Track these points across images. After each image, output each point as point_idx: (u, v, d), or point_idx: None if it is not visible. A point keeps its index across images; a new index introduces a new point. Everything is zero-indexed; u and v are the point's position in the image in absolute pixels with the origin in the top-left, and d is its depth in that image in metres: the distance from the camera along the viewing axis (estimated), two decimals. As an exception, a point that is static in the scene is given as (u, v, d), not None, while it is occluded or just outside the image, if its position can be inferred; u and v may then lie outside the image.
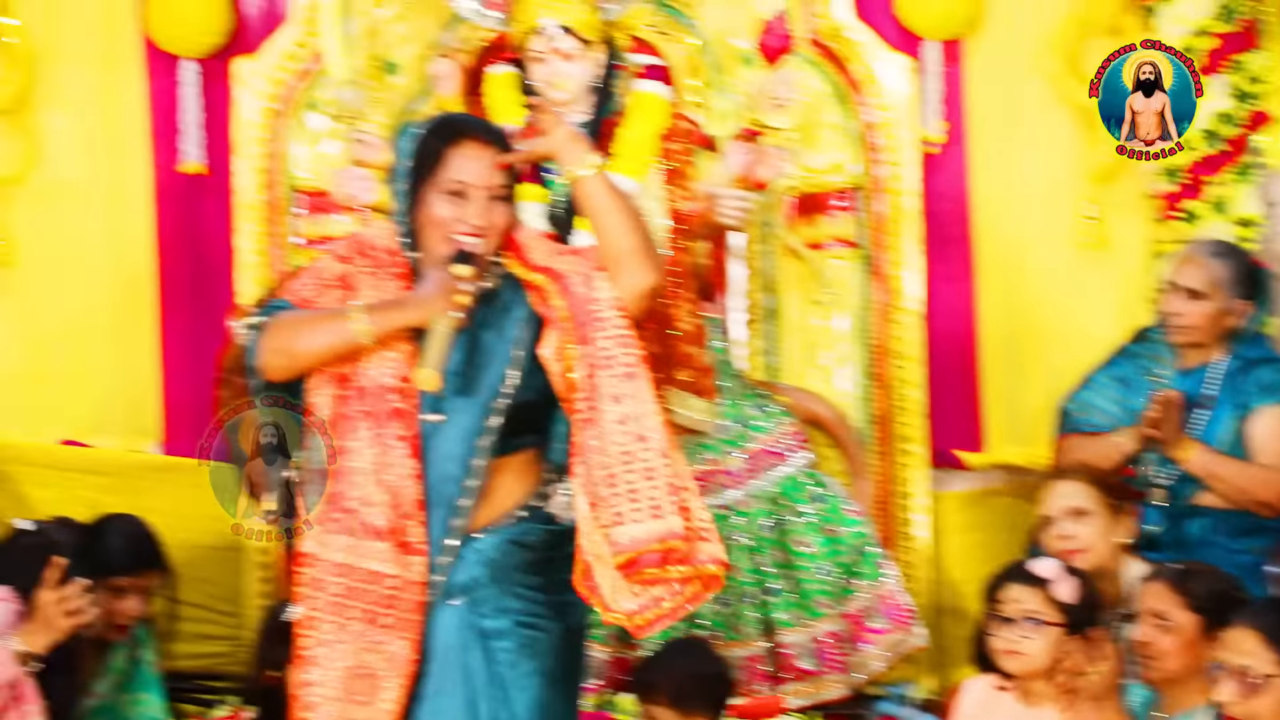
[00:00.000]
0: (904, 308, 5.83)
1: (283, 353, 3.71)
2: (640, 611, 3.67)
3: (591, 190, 3.70)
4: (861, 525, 5.39)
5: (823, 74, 5.84)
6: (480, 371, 3.73)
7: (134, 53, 5.99)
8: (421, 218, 3.76)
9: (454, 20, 5.77)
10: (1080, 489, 5.01)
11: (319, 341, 3.70)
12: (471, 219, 3.73)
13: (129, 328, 6.01)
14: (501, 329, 3.76)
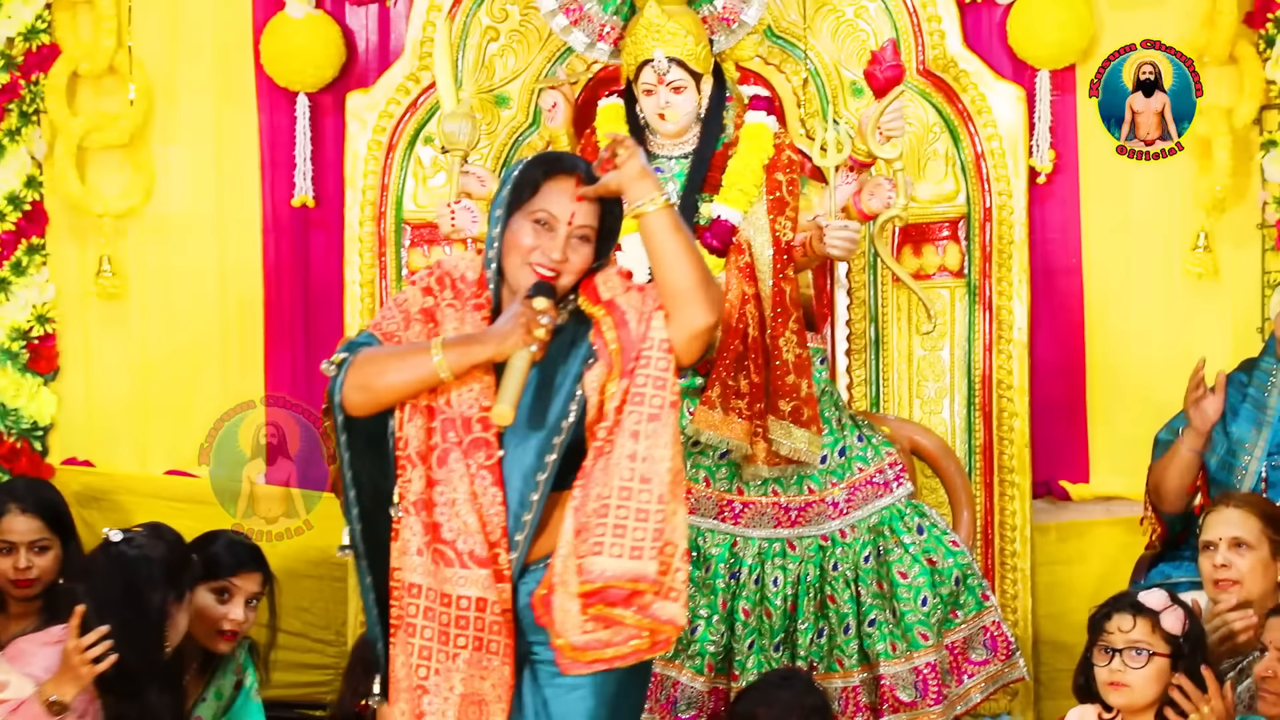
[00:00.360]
0: (1010, 338, 5.80)
1: (364, 389, 3.76)
2: (583, 649, 3.68)
3: (654, 227, 3.72)
4: (963, 556, 5.35)
5: (932, 104, 5.83)
6: (544, 406, 3.76)
7: (248, 88, 6.07)
8: (507, 244, 3.79)
9: (563, 52, 5.81)
10: (1247, 519, 4.86)
11: (399, 378, 3.75)
12: (552, 251, 3.75)
13: (237, 359, 6.09)
14: (566, 365, 3.78)
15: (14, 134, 6.07)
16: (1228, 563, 4.84)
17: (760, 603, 5.30)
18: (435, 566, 3.73)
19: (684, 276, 3.71)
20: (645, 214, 3.71)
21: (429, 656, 3.74)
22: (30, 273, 6.10)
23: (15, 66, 6.06)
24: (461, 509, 3.73)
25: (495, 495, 3.74)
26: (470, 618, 3.73)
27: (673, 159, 5.45)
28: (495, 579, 3.72)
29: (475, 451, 3.74)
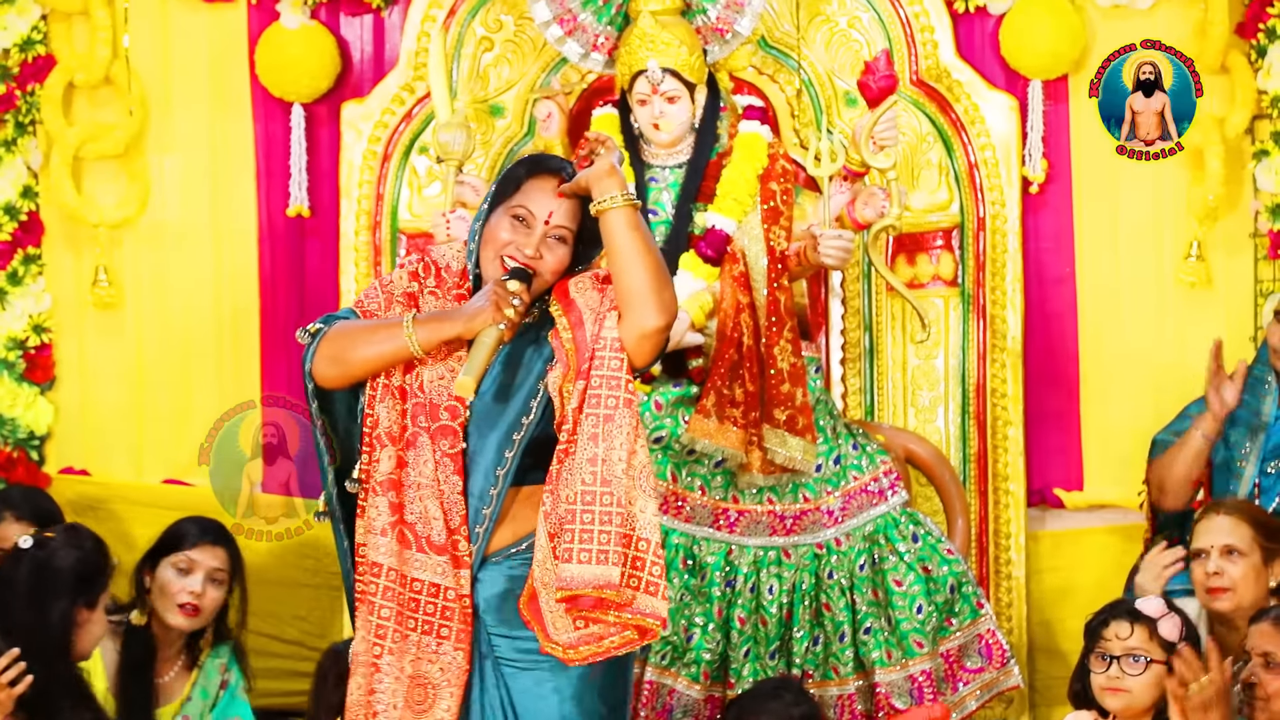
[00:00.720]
0: (1004, 347, 5.82)
1: (335, 360, 3.80)
2: (577, 645, 3.71)
3: (613, 225, 3.73)
4: (958, 564, 5.37)
5: (925, 114, 5.84)
6: (506, 401, 3.79)
7: (243, 98, 6.07)
8: (485, 237, 3.84)
9: (558, 63, 5.82)
10: (1238, 526, 4.88)
11: (370, 351, 3.78)
12: (525, 247, 3.78)
13: (233, 368, 6.10)
14: (530, 363, 3.81)
15: (10, 144, 6.08)
16: (1220, 570, 4.85)
17: (756, 611, 5.31)
18: (399, 547, 3.77)
19: (638, 277, 3.71)
20: (605, 211, 3.73)
21: (384, 635, 3.77)
22: (26, 282, 6.11)
23: (11, 77, 6.07)
24: (425, 494, 3.77)
25: (456, 484, 3.77)
26: (422, 601, 3.76)
27: (667, 169, 5.46)
28: (453, 565, 3.76)
29: (441, 439, 3.78)
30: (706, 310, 5.31)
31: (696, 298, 5.31)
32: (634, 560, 3.68)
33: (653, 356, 3.76)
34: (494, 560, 3.80)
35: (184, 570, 5.07)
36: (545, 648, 3.72)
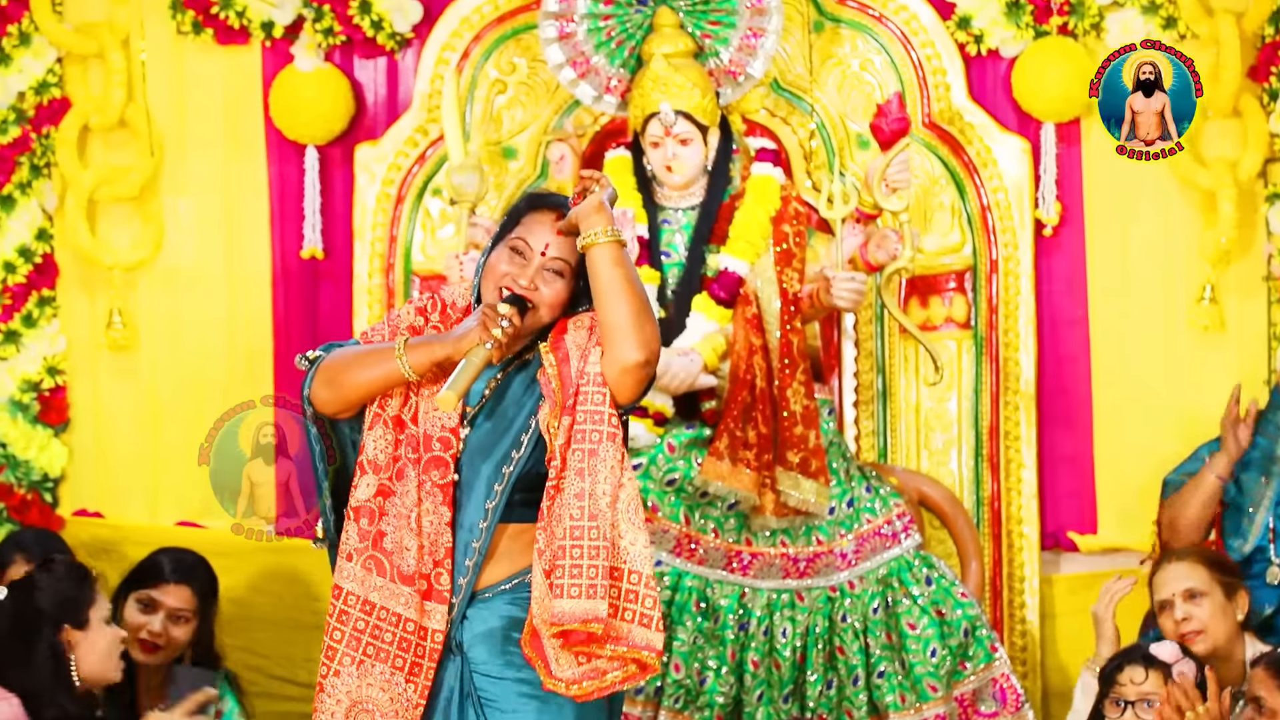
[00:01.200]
0: (1017, 389, 5.82)
1: (330, 383, 3.82)
2: (579, 680, 3.69)
3: (597, 260, 3.73)
4: (971, 607, 5.35)
5: (938, 156, 5.85)
6: (498, 436, 3.80)
7: (257, 141, 6.08)
8: (485, 270, 3.85)
9: (571, 105, 5.84)
10: (1194, 569, 4.97)
11: (364, 375, 3.80)
12: (520, 278, 3.79)
13: (246, 410, 6.10)
14: (523, 400, 3.82)
15: (25, 187, 6.09)
16: (1188, 615, 4.92)
17: (769, 654, 5.30)
18: (366, 573, 3.78)
19: (619, 312, 3.70)
20: (590, 247, 3.74)
21: (332, 657, 3.78)
22: (41, 325, 6.12)
23: (26, 120, 6.09)
24: (403, 524, 3.78)
25: (444, 515, 3.78)
26: (384, 629, 3.77)
27: (680, 211, 5.47)
28: (423, 598, 3.76)
29: (430, 470, 3.79)
30: (719, 352, 5.32)
31: (709, 340, 5.31)
32: (626, 593, 3.68)
33: (636, 392, 3.75)
34: (484, 597, 3.79)
35: (146, 607, 5.08)
36: (548, 685, 3.71)
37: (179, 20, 6.03)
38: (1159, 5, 5.78)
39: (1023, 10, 5.82)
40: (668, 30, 5.48)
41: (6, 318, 6.09)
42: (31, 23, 6.06)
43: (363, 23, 5.96)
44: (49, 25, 6.03)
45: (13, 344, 6.09)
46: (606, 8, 5.52)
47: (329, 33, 5.97)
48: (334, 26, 5.97)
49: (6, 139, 6.08)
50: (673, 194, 5.48)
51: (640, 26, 5.53)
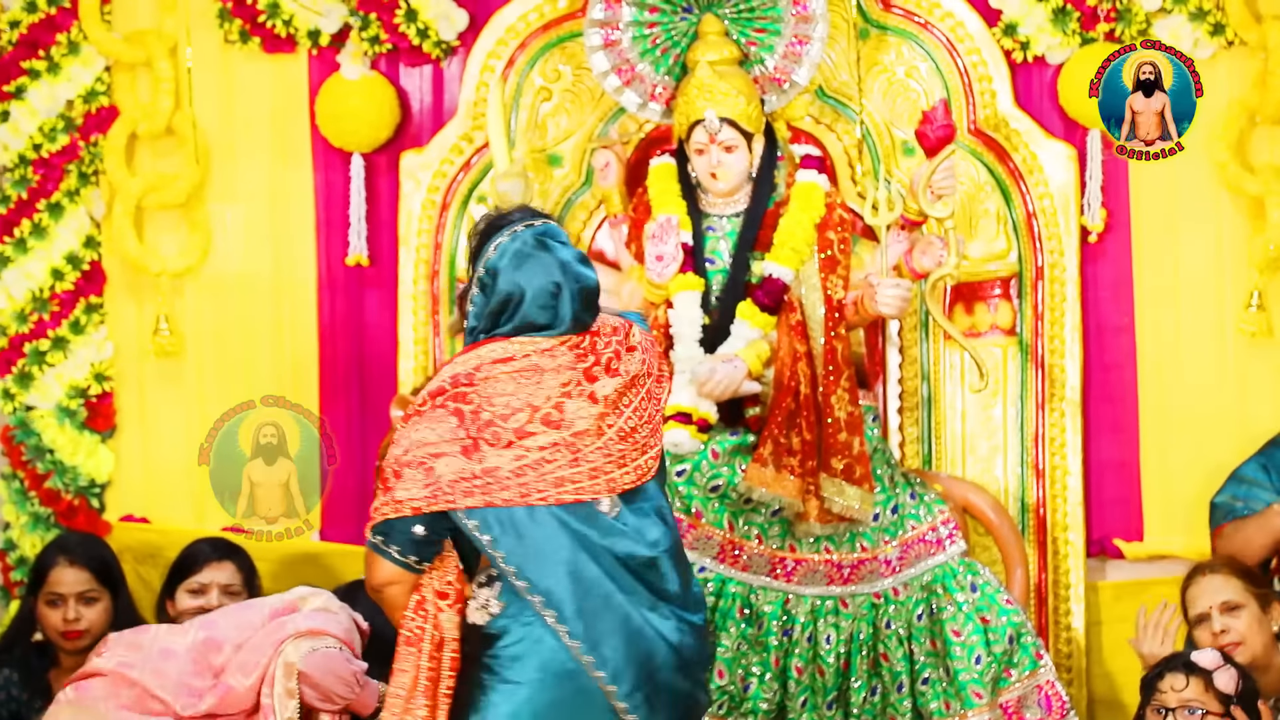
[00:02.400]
0: (1063, 396, 5.80)
1: None
2: None
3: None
4: (1016, 614, 5.34)
5: (983, 163, 5.84)
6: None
7: (303, 148, 6.10)
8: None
9: (616, 112, 5.84)
10: (1229, 582, 5.01)
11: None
12: None
13: (292, 416, 6.13)
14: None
15: (73, 194, 6.13)
16: (1226, 628, 4.96)
17: (813, 660, 5.29)
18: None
19: None
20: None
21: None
22: (88, 331, 6.15)
23: (75, 128, 6.13)
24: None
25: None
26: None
27: (724, 218, 5.47)
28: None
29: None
30: (763, 359, 5.31)
31: (753, 346, 5.31)
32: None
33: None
34: None
35: (197, 592, 5.12)
36: None
37: (226, 29, 6.06)
38: (1206, 11, 5.76)
39: (1069, 17, 5.80)
40: (713, 37, 5.48)
41: (54, 324, 6.12)
42: (80, 31, 6.09)
43: (409, 31, 5.98)
44: (97, 34, 6.07)
45: (60, 350, 6.13)
46: (652, 15, 5.52)
47: (375, 41, 5.99)
48: (380, 34, 5.99)
49: (55, 147, 6.11)
50: (717, 201, 5.48)
51: (685, 34, 5.53)
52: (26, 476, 6.11)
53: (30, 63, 6.09)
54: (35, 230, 6.11)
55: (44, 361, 6.11)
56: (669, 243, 5.39)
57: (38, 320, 6.12)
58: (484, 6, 5.97)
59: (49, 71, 6.10)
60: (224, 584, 5.23)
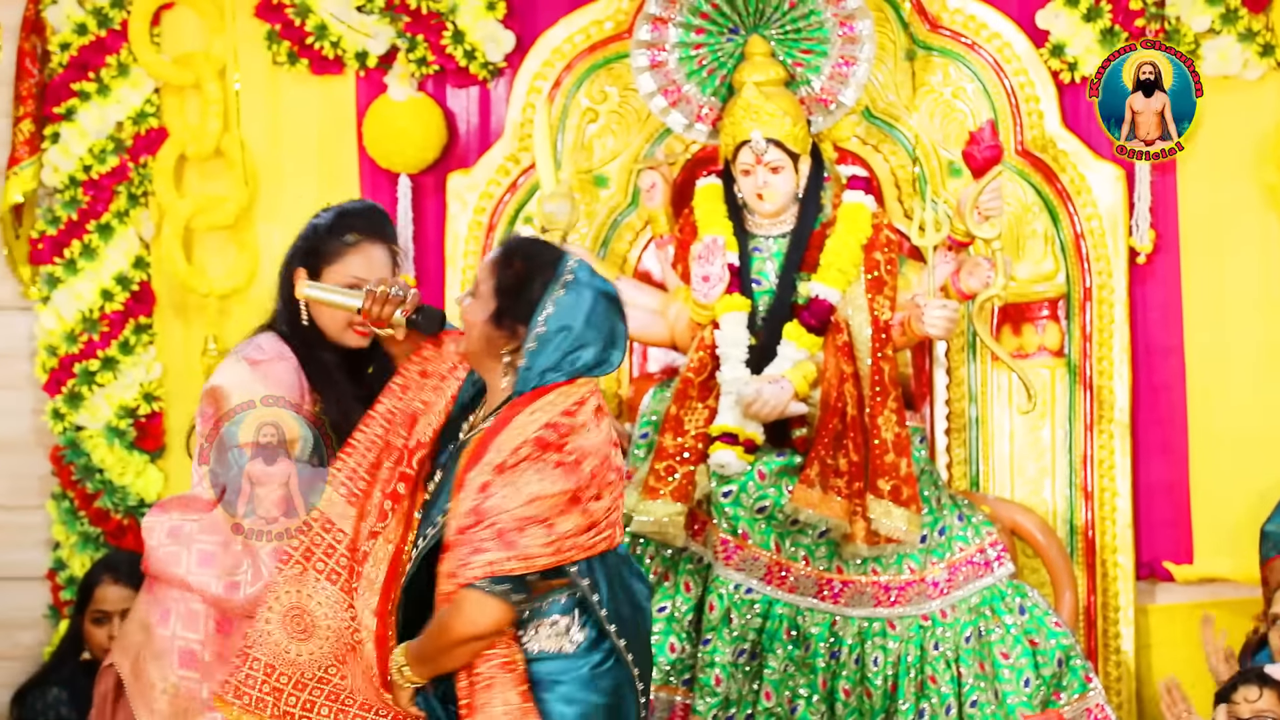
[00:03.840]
0: (1112, 418, 5.78)
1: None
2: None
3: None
4: (1065, 637, 5.32)
5: (1031, 184, 5.83)
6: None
7: (351, 169, 6.13)
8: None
9: (662, 133, 5.85)
10: None
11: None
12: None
13: (340, 436, 6.14)
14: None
15: (123, 215, 6.16)
16: None
17: (860, 682, 5.28)
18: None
19: None
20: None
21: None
22: (138, 351, 6.18)
23: (124, 150, 6.16)
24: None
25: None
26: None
27: (771, 239, 5.48)
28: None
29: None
30: (810, 380, 5.31)
31: (800, 367, 5.31)
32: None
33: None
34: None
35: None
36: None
37: (274, 51, 6.09)
38: (1255, 32, 5.74)
39: (1117, 38, 5.79)
40: (759, 58, 5.49)
41: (104, 345, 6.15)
42: (130, 54, 6.13)
43: (456, 52, 6.00)
44: (147, 56, 6.11)
45: (110, 371, 6.16)
46: (698, 36, 5.53)
47: (422, 62, 6.02)
48: (427, 56, 6.02)
49: (105, 168, 6.15)
50: (764, 222, 5.48)
51: (732, 55, 5.54)
52: (76, 496, 6.14)
53: (80, 85, 6.13)
54: (85, 251, 6.15)
55: (93, 382, 6.14)
56: (715, 263, 5.39)
57: (87, 341, 6.15)
58: (531, 28, 5.99)
59: (99, 93, 6.14)
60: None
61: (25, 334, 6.23)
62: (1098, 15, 5.78)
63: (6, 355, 6.24)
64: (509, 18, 6.00)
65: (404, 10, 6.02)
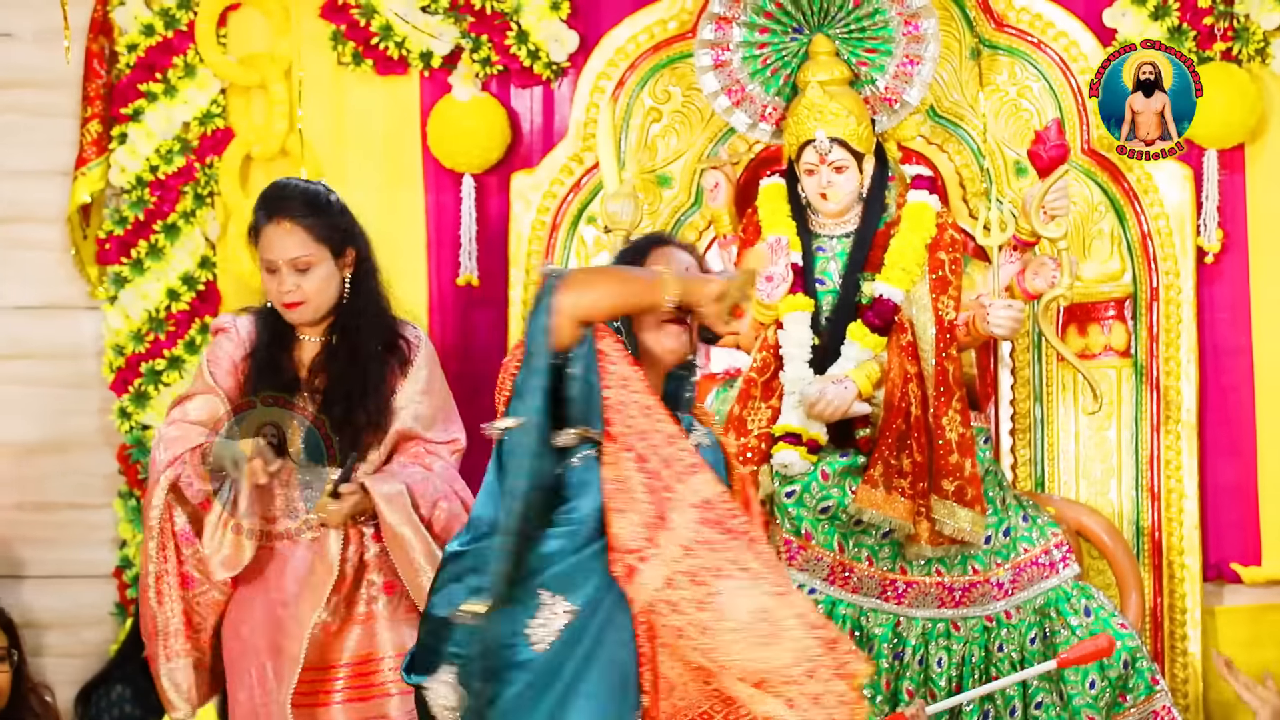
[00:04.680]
0: (1179, 419, 5.74)
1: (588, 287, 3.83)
2: None
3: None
4: (1132, 639, 5.28)
5: (1097, 183, 5.79)
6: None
7: (414, 170, 6.14)
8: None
9: (726, 133, 5.84)
10: None
11: (625, 289, 3.88)
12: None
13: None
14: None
15: (189, 215, 6.19)
16: None
17: (924, 684, 5.26)
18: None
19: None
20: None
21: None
22: (203, 350, 6.21)
23: (191, 150, 6.19)
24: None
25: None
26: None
27: (835, 238, 5.46)
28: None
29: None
30: (874, 380, 5.29)
31: (863, 367, 5.29)
32: None
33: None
34: None
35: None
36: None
37: (339, 51, 6.11)
38: (1326, 30, 5.70)
39: (1185, 36, 5.74)
40: (823, 58, 5.47)
41: (170, 344, 6.19)
42: (196, 55, 6.16)
43: (519, 52, 6.01)
44: (213, 57, 6.14)
45: (176, 370, 6.19)
46: (762, 36, 5.52)
47: (486, 62, 6.02)
48: (491, 56, 6.02)
49: (171, 168, 6.18)
50: (827, 221, 5.46)
51: (796, 54, 5.52)
52: (142, 495, 6.17)
53: (147, 86, 6.17)
54: (151, 251, 6.18)
55: (160, 381, 6.18)
56: (779, 263, 5.38)
57: (153, 340, 6.19)
58: (594, 28, 6.00)
59: (165, 94, 6.17)
60: None
61: (92, 333, 6.27)
62: (1165, 13, 5.74)
63: (74, 354, 6.28)
64: (573, 17, 6.01)
65: (468, 10, 6.03)
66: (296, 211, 4.94)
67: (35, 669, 5.63)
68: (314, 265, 4.93)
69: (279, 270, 4.92)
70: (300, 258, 4.90)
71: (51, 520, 6.25)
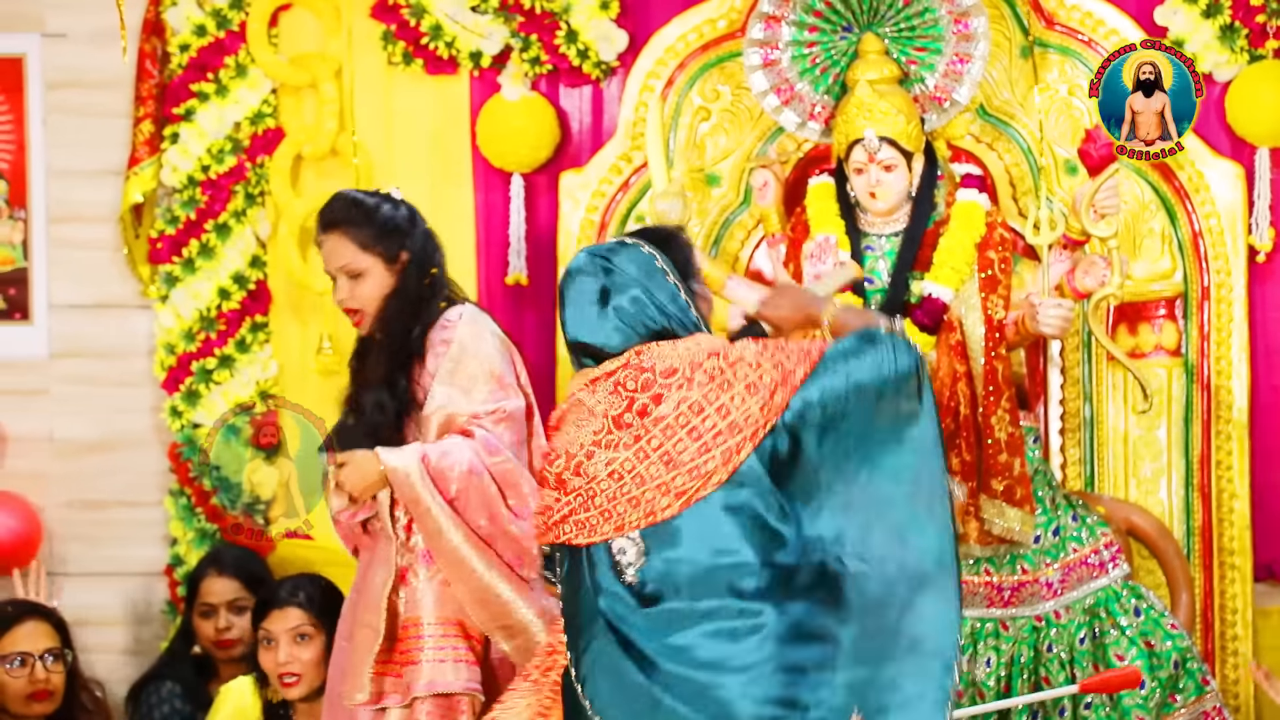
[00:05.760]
0: (1230, 418, 5.71)
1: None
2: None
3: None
4: (1182, 639, 5.25)
5: (1148, 182, 5.77)
6: None
7: (464, 169, 6.15)
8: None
9: (774, 132, 5.84)
10: None
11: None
12: None
13: (452, 433, 6.16)
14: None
15: (240, 215, 6.22)
16: None
17: (973, 683, 5.25)
18: None
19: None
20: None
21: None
22: (254, 350, 6.24)
23: (242, 150, 6.22)
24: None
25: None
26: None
27: (883, 237, 5.45)
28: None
29: None
30: (923, 378, 5.28)
31: (913, 366, 5.28)
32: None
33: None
34: None
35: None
36: None
37: (390, 51, 6.13)
38: (1379, 28, 5.67)
39: (1237, 34, 5.72)
40: (873, 56, 5.47)
41: (220, 343, 6.21)
42: (248, 55, 6.19)
43: (569, 52, 6.02)
44: (264, 57, 6.17)
45: (226, 369, 6.21)
46: (811, 35, 5.52)
47: (536, 62, 6.03)
48: (540, 55, 6.03)
49: (223, 168, 6.21)
50: (876, 220, 5.45)
51: (845, 53, 5.52)
52: (193, 493, 6.20)
53: (199, 85, 6.20)
54: (203, 250, 6.21)
55: (210, 380, 6.20)
56: (827, 262, 5.38)
57: (205, 339, 6.21)
58: (644, 27, 6.00)
59: (217, 94, 6.20)
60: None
61: (144, 332, 6.30)
62: (1217, 11, 5.71)
63: (126, 353, 6.31)
64: (622, 17, 6.01)
65: (518, 10, 6.04)
66: (343, 222, 5.02)
67: (85, 666, 5.65)
68: (365, 272, 4.97)
69: (336, 279, 5.00)
70: (348, 265, 4.96)
71: (103, 518, 6.28)
